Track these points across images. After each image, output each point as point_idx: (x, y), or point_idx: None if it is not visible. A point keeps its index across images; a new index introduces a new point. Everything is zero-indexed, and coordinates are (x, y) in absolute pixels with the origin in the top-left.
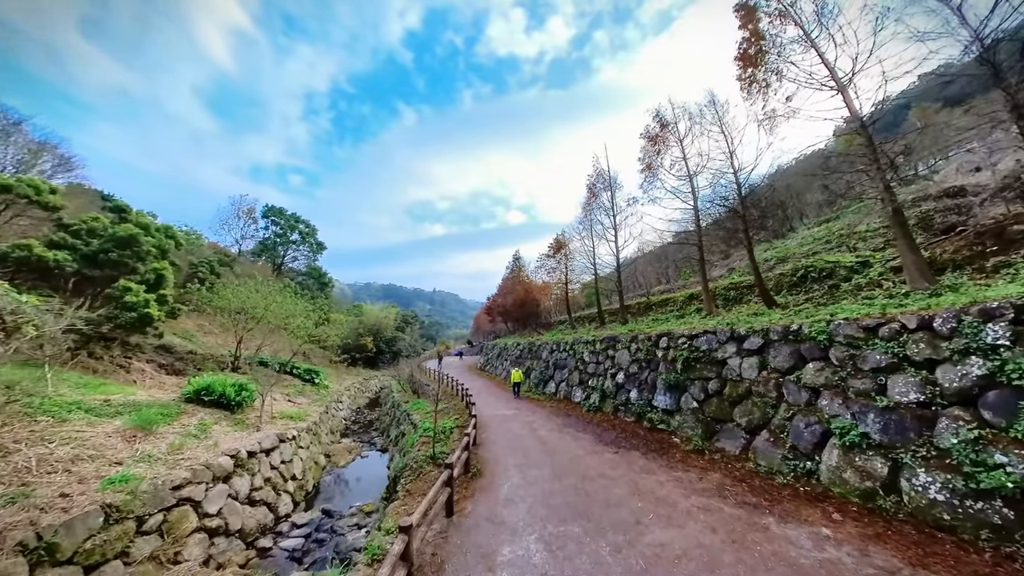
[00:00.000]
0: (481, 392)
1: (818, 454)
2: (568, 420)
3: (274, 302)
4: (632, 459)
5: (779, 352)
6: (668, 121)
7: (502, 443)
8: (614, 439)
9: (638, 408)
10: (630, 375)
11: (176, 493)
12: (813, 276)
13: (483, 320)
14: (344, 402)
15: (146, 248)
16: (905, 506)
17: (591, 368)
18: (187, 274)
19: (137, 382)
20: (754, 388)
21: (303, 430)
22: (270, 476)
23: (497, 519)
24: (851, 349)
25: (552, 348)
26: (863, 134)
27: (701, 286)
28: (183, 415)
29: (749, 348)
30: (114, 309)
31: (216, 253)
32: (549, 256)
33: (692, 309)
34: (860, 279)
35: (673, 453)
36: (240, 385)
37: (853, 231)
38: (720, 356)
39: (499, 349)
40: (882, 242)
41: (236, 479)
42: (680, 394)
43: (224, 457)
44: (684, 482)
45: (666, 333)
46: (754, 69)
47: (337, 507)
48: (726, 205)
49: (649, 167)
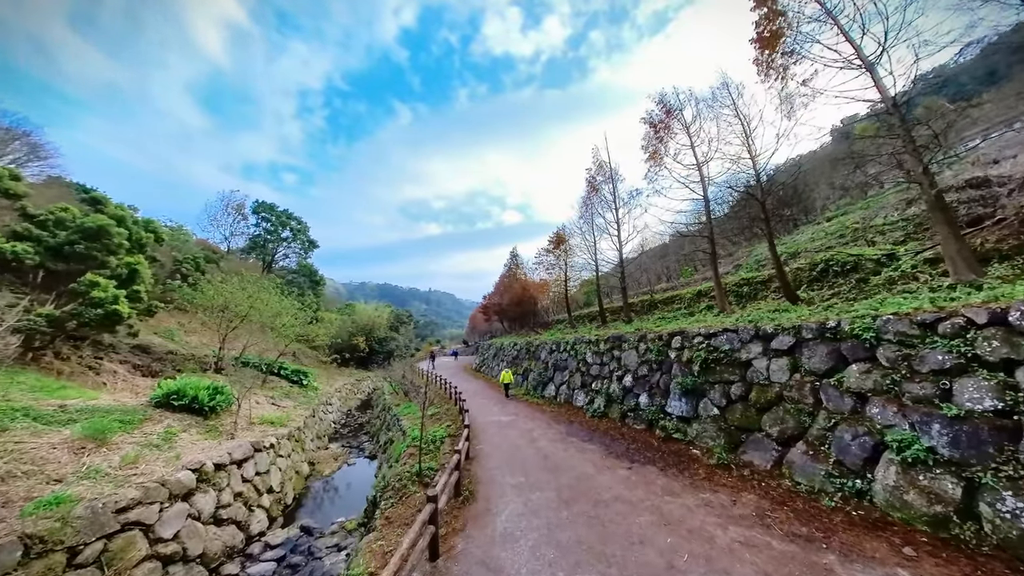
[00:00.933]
0: (476, 395)
1: (870, 471)
2: (571, 428)
3: (259, 299)
4: (650, 477)
5: (814, 352)
6: (673, 107)
7: (498, 456)
8: (625, 451)
9: (649, 415)
10: (639, 378)
11: (121, 516)
12: (835, 270)
13: (479, 320)
14: (334, 404)
15: (117, 240)
16: (988, 536)
17: (594, 370)
18: (171, 271)
19: (107, 385)
20: (785, 393)
21: (284, 436)
22: (241, 491)
23: (493, 563)
24: (904, 348)
25: (551, 348)
26: (895, 114)
27: (713, 281)
28: (147, 422)
29: (778, 348)
30: (79, 305)
31: (204, 250)
32: (548, 251)
33: (702, 307)
34: (890, 272)
35: (695, 469)
36: (215, 388)
37: (869, 225)
38: (744, 357)
39: (495, 349)
40: (903, 235)
41: (199, 496)
42: (698, 400)
43: (185, 472)
44: (716, 507)
45: (679, 332)
46: (771, 50)
47: (318, 523)
48: (745, 190)
49: (653, 155)
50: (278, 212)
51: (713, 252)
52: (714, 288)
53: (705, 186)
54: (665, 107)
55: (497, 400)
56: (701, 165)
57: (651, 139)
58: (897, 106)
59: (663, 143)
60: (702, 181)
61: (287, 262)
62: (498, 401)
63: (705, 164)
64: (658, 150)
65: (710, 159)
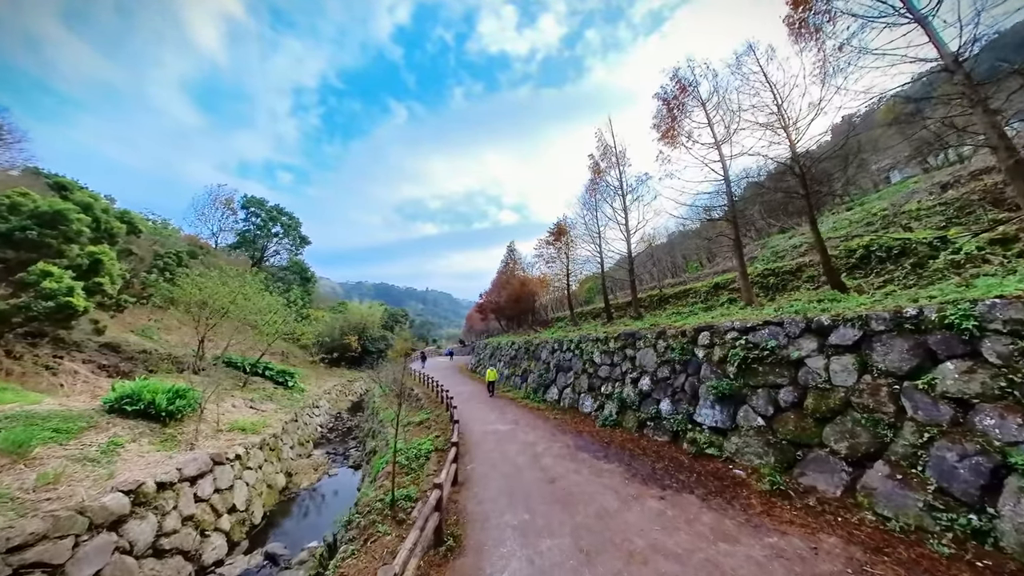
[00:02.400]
0: (471, 399)
1: (990, 503)
2: (580, 440)
3: (241, 295)
4: (690, 510)
5: (889, 347)
6: (688, 81)
7: (495, 480)
8: (651, 472)
9: (674, 424)
10: (659, 381)
11: (16, 557)
12: (879, 256)
13: (476, 319)
14: (322, 407)
15: (76, 228)
16: None
17: (603, 371)
18: (151, 265)
19: (64, 387)
20: (854, 399)
21: (256, 445)
22: (193, 513)
23: None
24: (1021, 341)
25: (553, 348)
26: (957, 72)
27: (737, 271)
28: (90, 430)
29: (839, 343)
30: (29, 297)
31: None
32: (549, 243)
33: (722, 300)
34: (949, 256)
35: (746, 497)
36: (176, 391)
37: (900, 211)
38: (793, 355)
39: (492, 349)
40: (943, 220)
41: (134, 524)
42: (735, 407)
43: (114, 494)
44: (793, 559)
45: (707, 327)
46: (805, 5)
47: (288, 547)
48: (782, 163)
49: (666, 134)
50: (268, 207)
51: (737, 237)
52: (735, 279)
53: (725, 166)
54: (679, 83)
55: (494, 405)
56: (720, 143)
57: (663, 117)
58: (959, 62)
59: (676, 122)
60: (721, 160)
61: (278, 259)
62: (495, 406)
63: (726, 142)
64: (671, 129)
65: (733, 133)
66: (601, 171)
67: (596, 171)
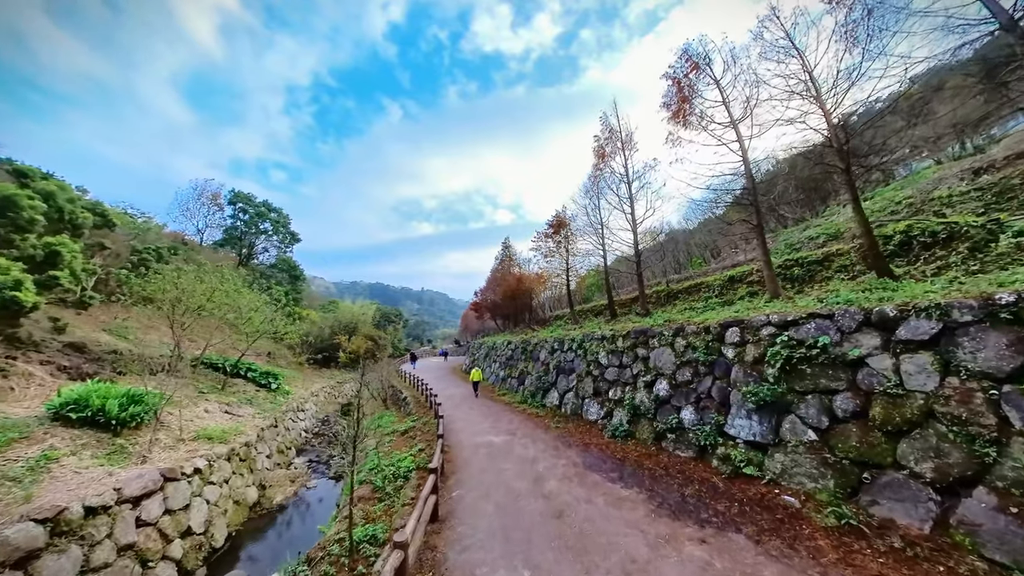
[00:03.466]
0: (462, 403)
1: None
2: (588, 456)
3: (219, 291)
4: (742, 557)
5: (981, 342)
6: (700, 57)
7: (486, 512)
8: (680, 500)
9: (701, 437)
10: (678, 385)
11: None
12: (923, 241)
13: (471, 318)
14: (308, 410)
15: (28, 216)
16: None
17: (610, 374)
18: (127, 260)
19: (14, 390)
20: (937, 408)
21: (222, 456)
22: (134, 541)
23: None
24: None
25: (553, 347)
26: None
27: (762, 260)
28: (21, 442)
29: (910, 338)
30: None
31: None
32: (547, 236)
33: (740, 293)
34: (1012, 239)
35: (808, 536)
36: (131, 396)
37: (928, 198)
38: (850, 354)
39: (487, 349)
40: (980, 206)
41: (49, 560)
42: (779, 417)
43: (25, 524)
44: None
45: (735, 322)
46: None
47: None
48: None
49: (676, 114)
50: (256, 203)
51: (759, 223)
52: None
53: (743, 146)
54: (690, 60)
55: (488, 412)
56: (737, 123)
57: (673, 96)
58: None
59: (687, 102)
60: (739, 140)
61: (266, 256)
62: (489, 414)
63: (743, 120)
64: (681, 110)
65: (753, 108)
66: (606, 155)
67: (600, 155)
